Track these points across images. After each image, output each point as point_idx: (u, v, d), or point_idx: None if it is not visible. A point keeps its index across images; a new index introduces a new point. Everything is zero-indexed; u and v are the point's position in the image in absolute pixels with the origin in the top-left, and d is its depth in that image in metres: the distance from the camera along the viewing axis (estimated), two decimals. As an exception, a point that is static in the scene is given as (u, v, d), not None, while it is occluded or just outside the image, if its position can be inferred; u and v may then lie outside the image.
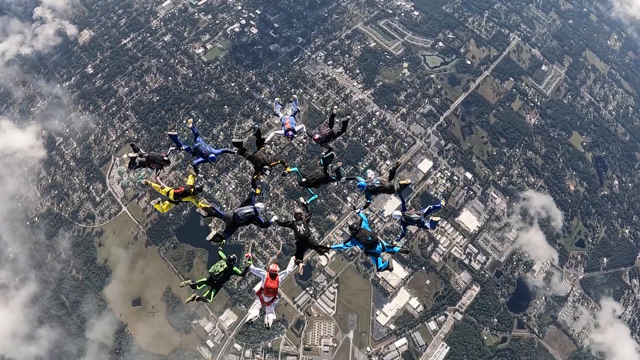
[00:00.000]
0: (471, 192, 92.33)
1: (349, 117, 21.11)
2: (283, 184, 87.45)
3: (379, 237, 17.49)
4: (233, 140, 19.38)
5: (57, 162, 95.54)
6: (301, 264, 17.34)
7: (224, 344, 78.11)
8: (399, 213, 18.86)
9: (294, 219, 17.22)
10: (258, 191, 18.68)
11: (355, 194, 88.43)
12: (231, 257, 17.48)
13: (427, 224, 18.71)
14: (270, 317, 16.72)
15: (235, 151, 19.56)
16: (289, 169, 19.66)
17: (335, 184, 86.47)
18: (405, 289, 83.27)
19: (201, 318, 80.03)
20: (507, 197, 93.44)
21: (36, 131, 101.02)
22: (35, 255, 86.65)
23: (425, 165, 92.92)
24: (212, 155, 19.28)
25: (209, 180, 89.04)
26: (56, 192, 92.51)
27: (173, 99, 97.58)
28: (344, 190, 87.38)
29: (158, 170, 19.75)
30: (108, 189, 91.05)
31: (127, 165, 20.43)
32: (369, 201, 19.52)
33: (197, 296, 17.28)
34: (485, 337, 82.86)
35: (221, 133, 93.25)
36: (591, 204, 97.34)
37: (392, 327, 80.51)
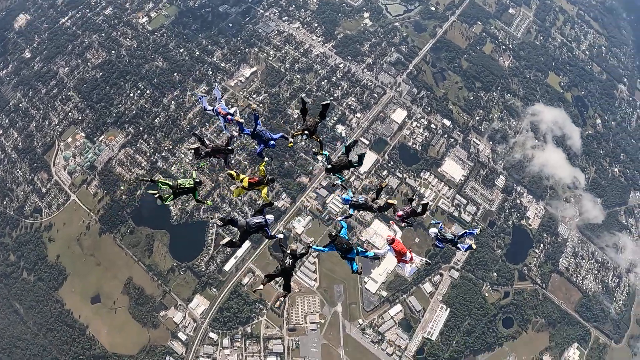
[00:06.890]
0: (452, 140, 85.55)
1: (429, 201, 22.06)
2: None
3: (353, 245, 18.42)
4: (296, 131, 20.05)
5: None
6: (287, 295, 18.72)
7: (197, 334, 68.89)
8: (436, 231, 19.67)
9: (289, 251, 17.70)
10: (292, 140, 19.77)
11: (330, 149, 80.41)
12: (198, 181, 18.90)
13: (459, 246, 19.82)
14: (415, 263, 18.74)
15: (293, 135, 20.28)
16: (321, 152, 20.68)
17: (303, 142, 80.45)
18: (393, 251, 75.23)
19: (169, 308, 70.34)
20: (491, 142, 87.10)
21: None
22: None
23: (399, 115, 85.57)
24: (272, 142, 19.36)
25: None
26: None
27: (118, 73, 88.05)
28: (313, 149, 79.01)
29: (225, 160, 19.93)
30: (54, 177, 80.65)
31: (193, 155, 20.57)
32: (351, 214, 20.40)
33: (158, 194, 18.59)
34: (486, 294, 75.56)
35: (172, 102, 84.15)
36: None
37: (384, 294, 72.24)
